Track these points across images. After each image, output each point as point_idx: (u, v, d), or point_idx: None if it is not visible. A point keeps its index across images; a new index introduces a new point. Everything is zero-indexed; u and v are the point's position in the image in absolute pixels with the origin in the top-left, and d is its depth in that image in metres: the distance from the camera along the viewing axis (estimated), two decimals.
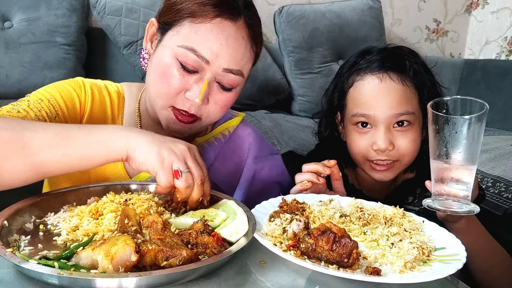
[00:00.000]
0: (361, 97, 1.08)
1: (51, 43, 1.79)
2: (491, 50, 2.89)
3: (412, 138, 1.06)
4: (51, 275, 0.53)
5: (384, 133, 1.04)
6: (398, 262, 0.65)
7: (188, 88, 0.89)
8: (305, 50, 2.19)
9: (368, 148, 1.07)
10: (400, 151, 1.06)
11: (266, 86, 2.11)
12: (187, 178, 0.70)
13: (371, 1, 2.37)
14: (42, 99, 0.88)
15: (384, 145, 1.04)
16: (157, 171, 0.70)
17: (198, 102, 0.88)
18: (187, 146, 0.74)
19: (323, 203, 0.85)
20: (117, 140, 0.72)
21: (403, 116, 1.05)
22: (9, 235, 0.64)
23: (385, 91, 1.05)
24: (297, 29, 2.18)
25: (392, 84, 1.05)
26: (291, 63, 2.21)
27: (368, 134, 1.07)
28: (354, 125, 1.10)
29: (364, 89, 1.08)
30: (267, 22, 2.32)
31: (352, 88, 1.11)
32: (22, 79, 1.71)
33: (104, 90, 1.00)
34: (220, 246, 0.63)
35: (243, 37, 0.90)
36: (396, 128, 1.06)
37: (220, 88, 0.91)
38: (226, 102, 0.93)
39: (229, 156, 1.06)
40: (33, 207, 0.72)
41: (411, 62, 1.09)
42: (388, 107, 1.04)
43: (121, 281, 0.53)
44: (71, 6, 1.85)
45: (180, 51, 0.87)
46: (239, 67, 0.90)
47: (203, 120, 0.94)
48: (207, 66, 0.88)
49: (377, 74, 1.07)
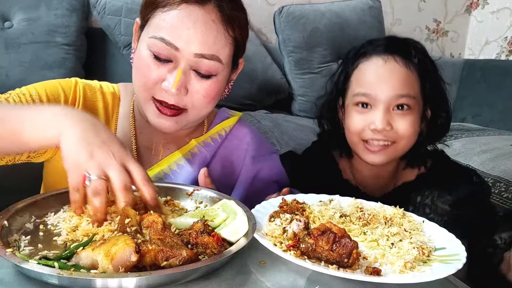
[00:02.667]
0: (364, 77, 1.09)
1: (51, 43, 1.79)
2: (491, 50, 2.89)
3: (410, 122, 1.06)
4: (51, 275, 0.53)
5: (383, 113, 1.05)
6: (398, 262, 0.65)
7: (163, 78, 0.88)
8: (305, 50, 2.19)
9: (365, 127, 1.07)
10: (398, 132, 1.06)
11: (266, 86, 2.11)
12: (96, 185, 0.66)
13: (371, 1, 2.36)
14: (25, 93, 0.89)
15: (381, 125, 1.04)
16: (69, 173, 0.68)
17: (173, 91, 0.86)
18: (112, 152, 0.70)
19: (323, 203, 0.85)
20: (54, 127, 0.71)
21: (403, 99, 1.05)
22: (9, 235, 0.64)
23: (388, 72, 1.06)
24: (297, 29, 2.18)
25: (396, 66, 1.06)
26: (291, 63, 2.21)
27: (367, 114, 1.07)
28: (355, 105, 1.10)
29: (368, 69, 1.09)
30: (267, 22, 2.32)
31: (357, 69, 1.11)
32: (22, 79, 1.71)
33: (98, 91, 1.00)
34: (220, 246, 0.63)
35: (213, 20, 0.87)
36: (395, 111, 1.06)
37: (197, 76, 0.89)
38: (208, 91, 0.91)
39: (226, 156, 1.05)
40: (33, 207, 0.72)
41: (417, 51, 1.10)
42: (390, 87, 1.05)
43: (121, 281, 0.53)
44: (71, 6, 1.85)
45: (152, 41, 0.87)
46: (212, 51, 0.88)
47: (189, 113, 0.92)
48: (179, 53, 0.86)
49: (382, 56, 1.08)
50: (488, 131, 2.14)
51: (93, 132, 0.72)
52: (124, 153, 0.72)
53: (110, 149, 0.70)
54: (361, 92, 1.08)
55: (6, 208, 0.69)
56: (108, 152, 0.70)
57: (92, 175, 0.67)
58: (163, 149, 1.02)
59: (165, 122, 0.91)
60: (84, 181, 0.67)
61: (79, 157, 0.68)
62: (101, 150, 0.70)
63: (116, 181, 0.68)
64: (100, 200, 0.67)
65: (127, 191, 0.68)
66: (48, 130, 0.72)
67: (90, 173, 0.67)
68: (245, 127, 1.10)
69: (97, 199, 0.67)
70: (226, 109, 1.13)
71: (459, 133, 2.10)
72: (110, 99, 1.01)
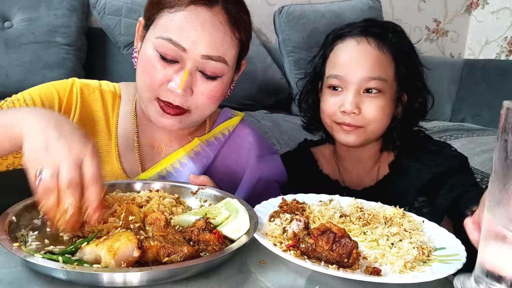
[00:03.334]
0: (338, 59, 1.09)
1: (51, 43, 1.79)
2: (491, 50, 2.89)
3: (380, 105, 1.05)
4: (54, 269, 0.54)
5: (353, 96, 1.04)
6: (398, 262, 0.65)
7: (169, 79, 0.88)
8: (305, 50, 2.19)
9: (336, 110, 1.07)
10: (365, 116, 1.05)
11: (266, 86, 2.11)
12: (44, 184, 0.62)
13: (371, 1, 2.37)
14: (19, 98, 0.90)
15: (350, 107, 1.03)
16: (28, 169, 0.65)
17: (180, 92, 0.87)
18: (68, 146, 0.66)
19: (323, 203, 0.85)
20: (19, 124, 0.70)
21: (374, 81, 1.04)
22: (17, 231, 0.65)
23: (359, 54, 1.06)
24: (297, 29, 2.18)
25: (368, 48, 1.06)
26: (291, 63, 2.21)
27: (338, 96, 1.07)
28: (328, 88, 1.10)
29: (342, 51, 1.09)
30: (267, 22, 2.32)
31: (332, 52, 1.12)
32: (22, 79, 1.71)
33: (96, 90, 1.00)
34: (221, 244, 0.64)
35: (220, 22, 0.88)
36: (365, 94, 1.05)
37: (203, 78, 0.90)
38: (212, 92, 0.91)
39: (229, 155, 1.06)
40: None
41: (394, 35, 1.09)
42: (360, 69, 1.04)
43: (121, 276, 0.55)
44: (71, 6, 1.85)
45: (159, 42, 0.87)
46: (219, 53, 0.89)
47: (192, 113, 0.93)
48: (186, 54, 0.87)
49: (356, 38, 1.07)
50: (488, 131, 2.14)
51: (53, 127, 0.69)
52: (82, 147, 0.68)
53: (68, 143, 0.66)
54: (333, 74, 1.08)
55: (14, 204, 0.70)
56: (65, 146, 0.66)
57: (42, 174, 0.63)
58: (165, 147, 1.03)
59: (168, 121, 0.92)
60: (35, 179, 0.63)
61: (36, 152, 0.66)
62: (58, 144, 0.66)
63: (62, 177, 0.63)
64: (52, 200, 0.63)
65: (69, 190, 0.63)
66: (17, 126, 0.70)
67: (42, 171, 0.63)
68: (247, 127, 1.11)
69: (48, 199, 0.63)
70: (228, 109, 1.14)
71: (459, 133, 2.10)
72: (110, 98, 1.01)
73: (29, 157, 0.66)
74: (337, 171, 1.21)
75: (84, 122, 0.96)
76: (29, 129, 0.69)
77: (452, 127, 2.20)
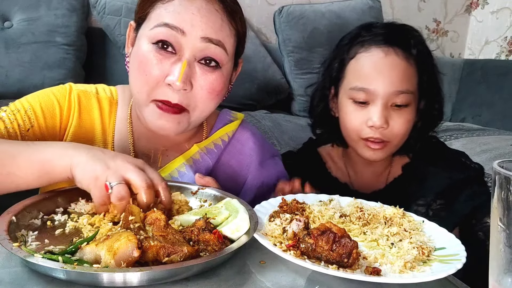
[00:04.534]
0: (363, 69, 1.04)
1: (51, 43, 1.79)
2: (491, 50, 2.89)
3: (407, 119, 1.03)
4: (54, 268, 0.54)
5: (382, 110, 1.01)
6: (398, 262, 0.65)
7: (167, 73, 0.84)
8: (305, 50, 2.19)
9: (362, 124, 1.03)
10: (393, 131, 1.03)
11: (266, 86, 2.11)
12: (119, 190, 0.67)
13: (371, 1, 2.37)
14: (19, 109, 0.89)
15: (379, 122, 1.00)
16: (91, 189, 0.69)
17: (179, 84, 0.82)
18: (126, 159, 0.72)
19: (323, 203, 0.85)
20: (61, 159, 0.73)
21: (402, 95, 1.01)
22: (16, 230, 0.65)
23: (388, 66, 1.02)
24: (297, 29, 2.18)
25: (396, 60, 1.02)
26: (291, 63, 2.21)
27: (364, 110, 1.03)
28: (350, 99, 1.06)
29: (368, 61, 1.04)
30: (267, 22, 2.32)
31: (354, 59, 1.06)
32: (22, 79, 1.71)
33: (93, 97, 0.97)
34: (221, 244, 0.64)
35: (216, 10, 0.86)
36: (393, 108, 1.03)
37: (202, 69, 0.86)
38: (213, 86, 0.87)
39: (228, 162, 1.03)
40: (41, 203, 0.74)
41: (416, 42, 1.06)
42: (390, 83, 1.01)
43: (121, 276, 0.55)
44: (71, 6, 1.85)
45: (154, 31, 0.84)
46: (218, 37, 0.85)
47: (191, 113, 0.89)
48: (184, 38, 0.83)
49: (383, 48, 1.03)
50: (488, 131, 2.14)
51: (100, 152, 0.73)
52: (136, 160, 0.74)
53: (123, 159, 0.72)
54: (359, 87, 1.03)
55: (14, 204, 0.70)
56: (123, 160, 0.71)
57: (112, 182, 0.68)
58: (162, 156, 1.00)
59: (166, 123, 0.87)
60: (107, 190, 0.68)
61: (95, 171, 0.69)
62: (115, 160, 0.71)
63: (138, 181, 0.69)
64: (125, 204, 0.68)
65: (149, 189, 0.70)
66: (59, 161, 0.73)
67: (110, 181, 0.68)
68: (247, 130, 1.07)
69: (122, 204, 0.68)
70: (227, 110, 1.11)
71: (459, 133, 2.10)
72: (107, 105, 0.99)
73: (90, 179, 0.69)
74: (346, 174, 1.19)
75: (81, 130, 0.94)
76: (78, 161, 0.71)
77: (452, 127, 2.21)
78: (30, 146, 0.76)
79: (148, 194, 0.69)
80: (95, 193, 0.69)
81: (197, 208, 0.81)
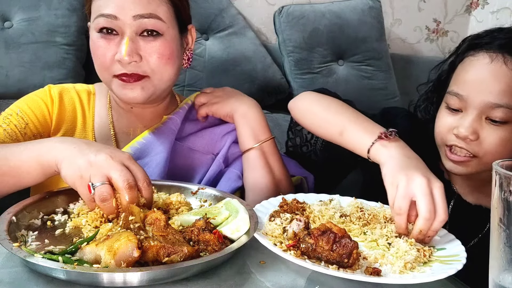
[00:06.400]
0: (463, 73, 0.95)
1: (51, 43, 1.79)
2: None
3: (503, 137, 0.90)
4: (54, 269, 0.55)
5: (472, 120, 0.90)
6: (398, 263, 0.65)
7: (115, 51, 0.92)
8: (305, 50, 2.19)
9: (449, 130, 0.94)
10: (483, 145, 0.90)
11: (266, 86, 2.11)
12: (101, 192, 0.69)
13: (371, 1, 2.36)
14: (12, 113, 0.97)
15: (465, 132, 0.89)
16: (77, 187, 0.72)
17: (126, 58, 0.89)
18: (110, 155, 0.73)
19: (323, 203, 0.85)
20: (48, 153, 0.75)
21: (500, 110, 0.88)
22: (16, 231, 0.66)
23: (490, 74, 0.90)
24: (297, 29, 2.18)
25: (501, 68, 0.89)
26: (291, 63, 2.20)
27: (455, 117, 0.94)
28: (445, 103, 0.97)
29: (471, 66, 0.94)
30: (267, 22, 2.32)
31: (461, 63, 0.97)
32: (22, 79, 1.71)
33: (72, 90, 1.07)
34: (221, 244, 0.64)
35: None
36: (488, 121, 0.90)
37: (145, 40, 0.93)
38: (160, 51, 0.93)
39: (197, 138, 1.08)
40: (41, 204, 0.74)
41: None
42: (487, 92, 0.89)
43: (121, 276, 0.55)
44: (71, 6, 1.84)
45: (95, 22, 0.93)
46: (148, 10, 0.91)
47: (152, 78, 0.95)
48: (119, 21, 0.90)
49: (491, 53, 0.91)
50: None
51: (86, 146, 0.75)
52: (122, 155, 0.75)
53: (107, 154, 0.73)
54: (454, 92, 0.94)
55: (14, 204, 0.71)
56: (106, 155, 0.72)
57: (95, 183, 0.69)
58: (140, 132, 1.05)
59: (131, 91, 0.94)
60: (90, 191, 0.69)
61: (79, 169, 0.71)
62: (99, 155, 0.72)
63: (119, 180, 0.70)
64: (109, 205, 0.69)
65: (131, 189, 0.70)
66: (45, 156, 0.75)
67: (93, 181, 0.69)
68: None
69: (106, 204, 0.69)
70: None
71: None
72: (85, 95, 1.08)
73: (74, 176, 0.71)
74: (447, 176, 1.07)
75: (61, 120, 1.03)
76: (63, 156, 0.73)
77: None
78: (20, 146, 0.80)
79: (129, 194, 0.70)
80: (81, 191, 0.71)
81: (197, 208, 0.81)
